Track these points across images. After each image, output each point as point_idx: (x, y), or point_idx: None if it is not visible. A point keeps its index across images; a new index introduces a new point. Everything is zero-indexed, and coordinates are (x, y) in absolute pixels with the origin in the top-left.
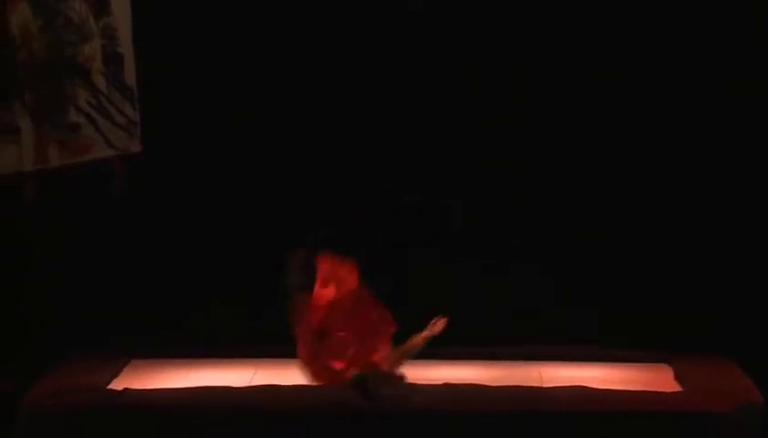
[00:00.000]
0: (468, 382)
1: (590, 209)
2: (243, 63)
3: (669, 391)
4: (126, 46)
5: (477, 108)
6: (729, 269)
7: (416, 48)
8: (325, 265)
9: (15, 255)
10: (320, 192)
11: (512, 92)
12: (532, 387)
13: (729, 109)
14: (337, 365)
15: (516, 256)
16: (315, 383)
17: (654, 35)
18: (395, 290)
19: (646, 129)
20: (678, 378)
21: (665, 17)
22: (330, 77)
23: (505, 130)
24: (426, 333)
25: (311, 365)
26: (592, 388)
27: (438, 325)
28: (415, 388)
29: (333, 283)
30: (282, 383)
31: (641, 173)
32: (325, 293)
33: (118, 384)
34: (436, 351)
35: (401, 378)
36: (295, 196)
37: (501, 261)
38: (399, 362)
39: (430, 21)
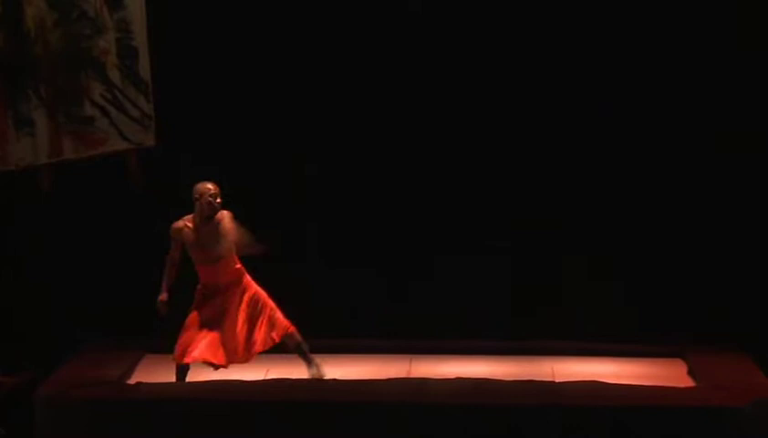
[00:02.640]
0: (480, 377)
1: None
2: (258, 58)
3: (682, 385)
4: (140, 40)
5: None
6: (746, 264)
7: (414, 50)
8: None
9: (27, 248)
10: (329, 186)
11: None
12: (544, 381)
13: (744, 109)
14: None
15: (526, 250)
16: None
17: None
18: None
19: (670, 125)
20: (691, 372)
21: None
22: (337, 76)
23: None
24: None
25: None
26: (604, 382)
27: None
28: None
29: None
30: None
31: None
32: None
33: (132, 378)
34: (448, 345)
35: None
36: (306, 190)
37: (508, 253)
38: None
39: (427, 23)
